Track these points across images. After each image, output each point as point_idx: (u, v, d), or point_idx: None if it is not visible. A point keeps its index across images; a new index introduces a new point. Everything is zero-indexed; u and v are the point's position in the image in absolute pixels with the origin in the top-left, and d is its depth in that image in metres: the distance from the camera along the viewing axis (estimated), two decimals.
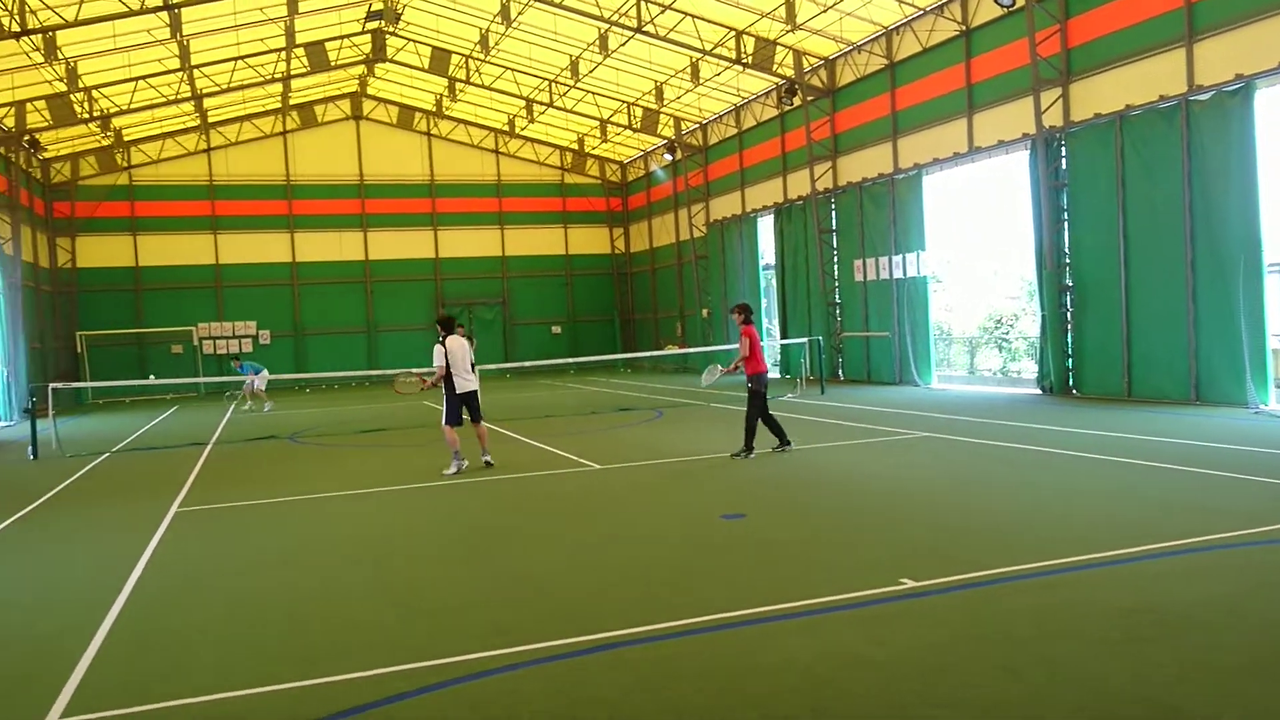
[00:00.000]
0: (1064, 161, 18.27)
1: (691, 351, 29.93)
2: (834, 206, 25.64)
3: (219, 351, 34.14)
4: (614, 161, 39.35)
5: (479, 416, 12.28)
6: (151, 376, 29.56)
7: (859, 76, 24.25)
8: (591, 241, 39.91)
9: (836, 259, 25.71)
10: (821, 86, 25.42)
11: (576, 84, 30.05)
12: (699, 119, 32.08)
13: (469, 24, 27.42)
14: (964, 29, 20.63)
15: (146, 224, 34.05)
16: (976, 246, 24.83)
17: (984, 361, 23.35)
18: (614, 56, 27.33)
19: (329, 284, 35.80)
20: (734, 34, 24.57)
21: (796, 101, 25.73)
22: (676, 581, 6.60)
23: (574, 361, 30.59)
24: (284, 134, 35.44)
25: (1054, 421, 14.33)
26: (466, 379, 12.04)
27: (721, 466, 11.67)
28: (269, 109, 34.02)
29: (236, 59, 26.92)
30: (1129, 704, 4.20)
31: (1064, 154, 18.26)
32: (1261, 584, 5.84)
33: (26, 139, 26.71)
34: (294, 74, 29.88)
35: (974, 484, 9.74)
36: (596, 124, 34.55)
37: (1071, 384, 18.38)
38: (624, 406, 20.75)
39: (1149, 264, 16.56)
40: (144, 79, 26.26)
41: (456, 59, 30.47)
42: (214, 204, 34.71)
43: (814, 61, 25.44)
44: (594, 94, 31.36)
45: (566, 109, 32.95)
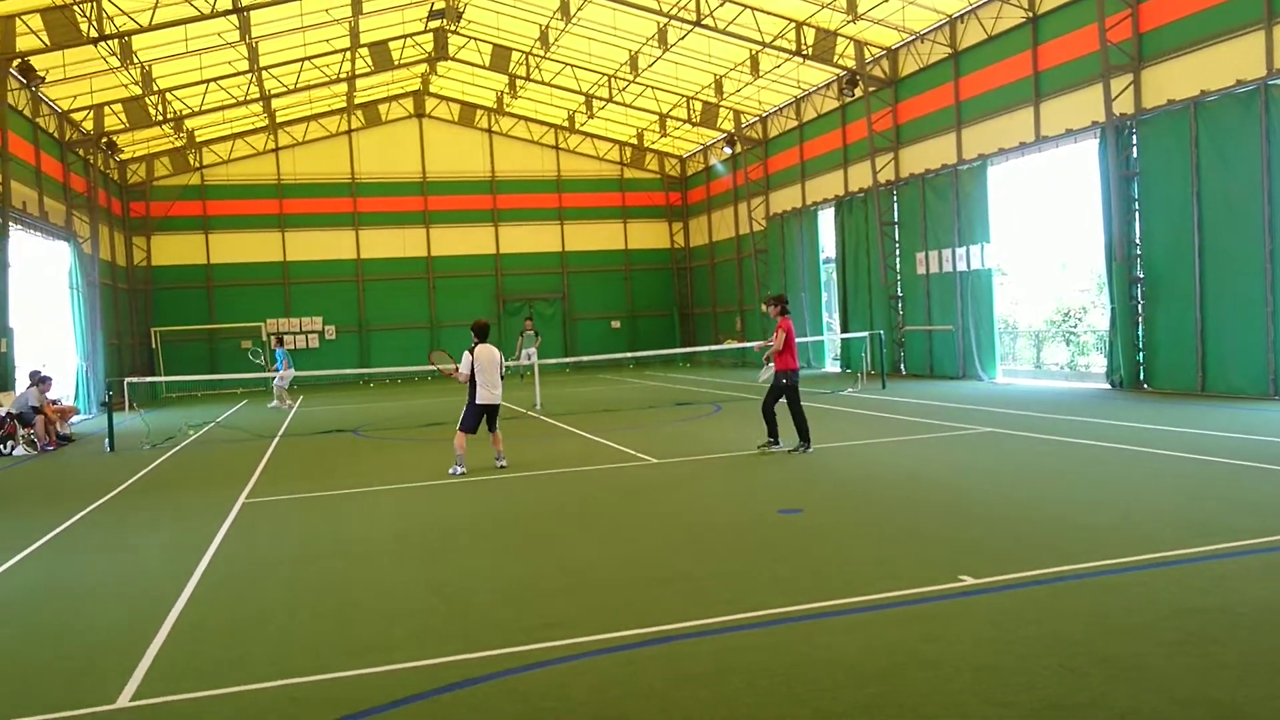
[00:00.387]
0: (1135, 150, 17.75)
1: (750, 346, 29.75)
2: (896, 198, 25.27)
3: (287, 347, 34.83)
4: (673, 156, 39.29)
5: (494, 427, 12.05)
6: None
7: (922, 66, 23.85)
8: (651, 236, 39.92)
9: (898, 252, 25.34)
10: (883, 77, 25.06)
11: (636, 79, 30.07)
12: (759, 112, 31.87)
13: (529, 21, 27.60)
14: (1031, 15, 20.15)
15: (217, 222, 34.96)
16: (1044, 238, 24.29)
17: (1051, 356, 22.83)
18: (673, 50, 27.26)
19: (392, 280, 36.37)
20: (794, 25, 24.34)
21: (858, 93, 25.41)
22: (730, 576, 6.58)
23: (633, 356, 30.65)
24: (349, 133, 36.06)
25: (1123, 417, 13.95)
26: (491, 391, 11.79)
27: (780, 461, 11.59)
28: (334, 108, 34.66)
29: (303, 60, 27.48)
30: (1191, 706, 4.07)
31: (1135, 142, 17.74)
32: None
33: (104, 141, 27.64)
34: (358, 74, 30.38)
35: (1037, 481, 9.53)
36: (656, 118, 34.52)
37: (1142, 378, 17.87)
38: (682, 401, 20.72)
39: (1224, 255, 16.01)
40: (215, 81, 26.95)
41: (517, 56, 30.69)
42: (281, 202, 35.49)
43: (875, 52, 25.09)
44: (653, 88, 31.34)
45: (626, 104, 32.98)
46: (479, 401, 11.78)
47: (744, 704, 4.36)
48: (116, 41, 21.85)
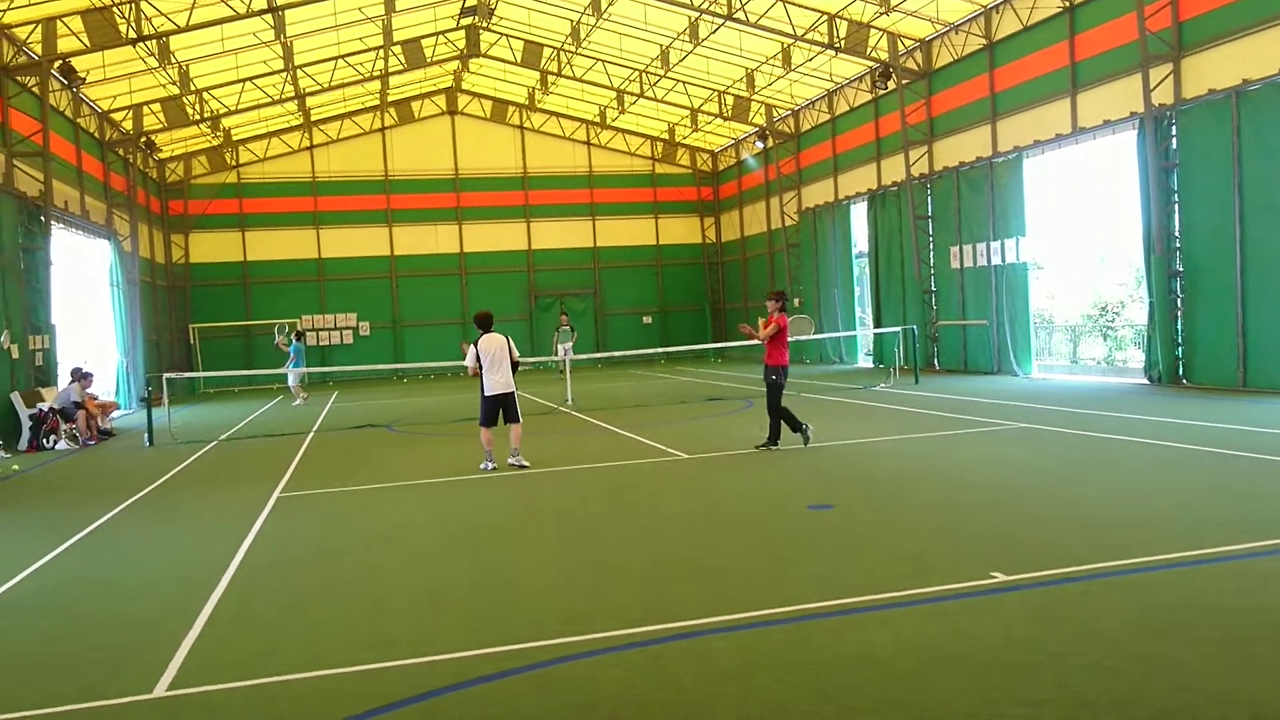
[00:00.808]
0: (1174, 141, 17.44)
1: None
2: (930, 192, 25.04)
3: (321, 343, 35.30)
4: (705, 151, 39.18)
5: (514, 418, 11.71)
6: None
7: (956, 58, 23.59)
8: (682, 231, 39.86)
9: (932, 245, 25.10)
10: (917, 69, 24.81)
11: (667, 73, 30.01)
12: (791, 105, 31.69)
13: (560, 17, 27.64)
14: (1067, 5, 19.85)
15: (253, 220, 35.37)
16: (1081, 231, 23.93)
17: (1087, 350, 22.49)
18: (704, 45, 27.18)
19: (425, 276, 36.60)
20: (826, 18, 24.16)
21: (891, 85, 25.18)
22: (759, 571, 6.57)
23: (664, 351, 30.62)
24: (382, 130, 36.32)
25: (1161, 412, 13.74)
26: (495, 381, 11.53)
27: (811, 456, 11.54)
28: (368, 106, 34.91)
29: (337, 58, 27.71)
30: (1227, 705, 4.01)
31: (1174, 133, 17.43)
32: None
33: (144, 141, 28.06)
34: (391, 71, 30.59)
35: (1072, 477, 9.40)
36: (687, 113, 34.45)
37: (1181, 373, 17.58)
38: (713, 396, 20.69)
39: (1267, 247, 15.68)
40: (250, 80, 27.26)
41: (548, 52, 30.75)
42: (316, 200, 35.83)
43: (909, 44, 24.85)
44: (684, 83, 31.26)
45: (657, 99, 32.94)
46: (487, 392, 11.63)
47: (772, 699, 4.35)
48: (155, 42, 22.16)
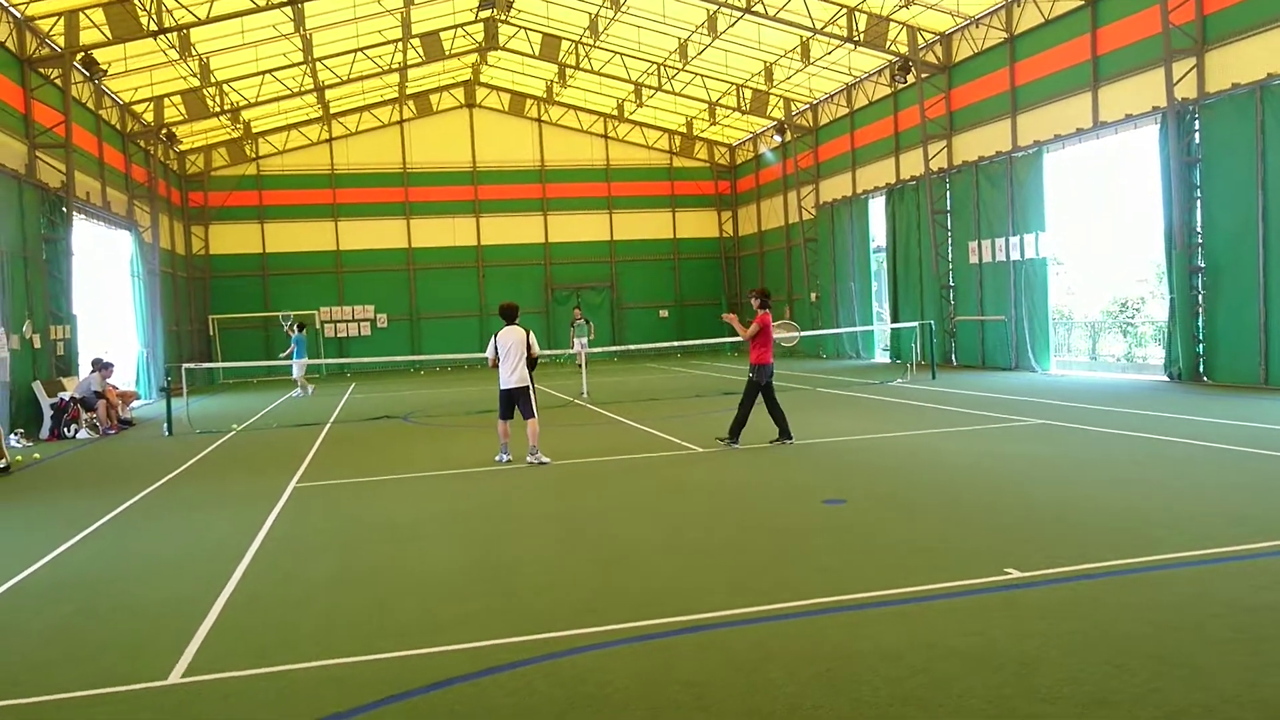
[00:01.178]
0: (1197, 136, 17.25)
1: (800, 335, 29.57)
2: (948, 186, 24.88)
3: (339, 335, 35.48)
4: (722, 144, 39.08)
5: (529, 414, 11.57)
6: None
7: (976, 51, 23.42)
8: (699, 225, 39.79)
9: (950, 240, 24.95)
10: (936, 63, 24.65)
11: (685, 67, 29.93)
12: (809, 99, 31.55)
13: (578, 9, 27.60)
14: None
15: (273, 212, 35.56)
16: (1101, 227, 23.73)
17: (1107, 347, 22.32)
18: (723, 38, 27.09)
19: (443, 268, 36.72)
20: (845, 11, 24.03)
21: (910, 79, 25.03)
22: (773, 565, 6.56)
23: (680, 345, 30.59)
24: (401, 123, 36.43)
25: (1181, 410, 13.62)
26: (507, 375, 11.48)
27: (827, 451, 11.51)
28: (386, 99, 35.02)
29: (356, 51, 27.80)
30: (1242, 705, 3.97)
31: (1197, 128, 17.24)
32: None
33: (164, 132, 28.24)
34: (410, 64, 30.67)
35: (1089, 474, 9.34)
36: (705, 107, 34.36)
37: (1201, 371, 17.42)
38: (729, 390, 20.63)
39: None
40: (270, 72, 27.39)
41: (566, 45, 30.73)
42: (335, 192, 35.98)
43: (929, 37, 24.69)
44: (703, 76, 31.18)
45: (675, 92, 32.87)
46: (500, 386, 11.65)
47: (783, 693, 4.35)
48: (175, 34, 22.30)
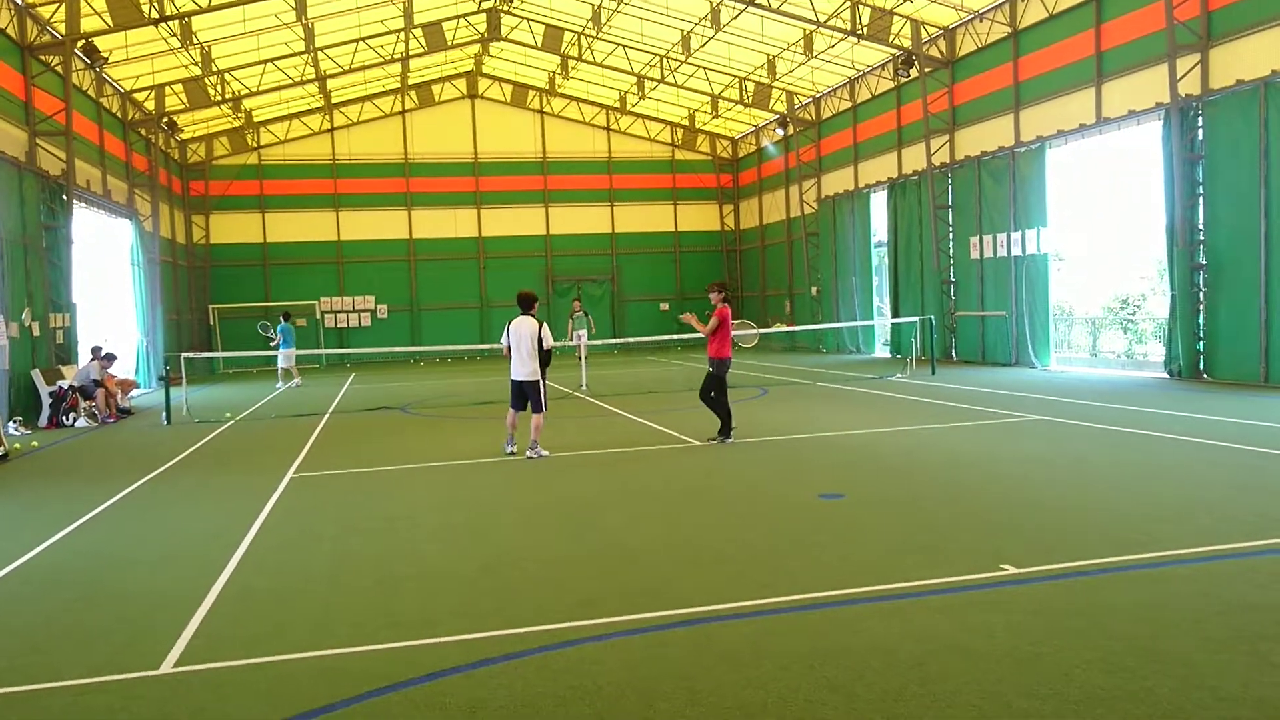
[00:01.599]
0: (1200, 132, 17.20)
1: (800, 329, 29.59)
2: (950, 181, 24.82)
3: (340, 325, 35.46)
4: (725, 137, 39.01)
5: (537, 408, 11.31)
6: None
7: (980, 46, 23.34)
8: (701, 218, 39.73)
9: (952, 236, 24.90)
10: (940, 57, 24.57)
11: (688, 59, 29.85)
12: (812, 93, 31.47)
13: (582, 1, 27.51)
14: None
15: (274, 202, 35.52)
16: (1103, 223, 23.67)
17: (1107, 343, 22.27)
18: (726, 30, 27.01)
19: (444, 260, 36.67)
20: (849, 4, 23.95)
21: (913, 73, 24.94)
22: (768, 559, 6.55)
23: (680, 338, 30.52)
24: (402, 113, 36.35)
25: (1180, 407, 13.60)
26: (516, 366, 11.32)
27: (825, 445, 11.49)
28: (388, 89, 34.93)
29: (358, 40, 27.72)
30: (1236, 704, 3.96)
31: (1200, 124, 17.19)
32: None
33: (165, 121, 28.18)
34: (412, 54, 30.57)
35: (1087, 470, 9.32)
36: (707, 99, 34.28)
37: (1201, 368, 17.39)
38: (729, 384, 20.59)
39: None
40: (272, 61, 27.32)
41: (569, 36, 30.65)
42: (336, 182, 35.92)
43: (932, 31, 24.60)
44: (705, 69, 31.10)
45: (678, 85, 32.79)
46: (511, 376, 11.53)
47: (775, 688, 4.34)
48: (177, 22, 22.24)
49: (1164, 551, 6.26)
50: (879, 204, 28.97)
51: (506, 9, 29.16)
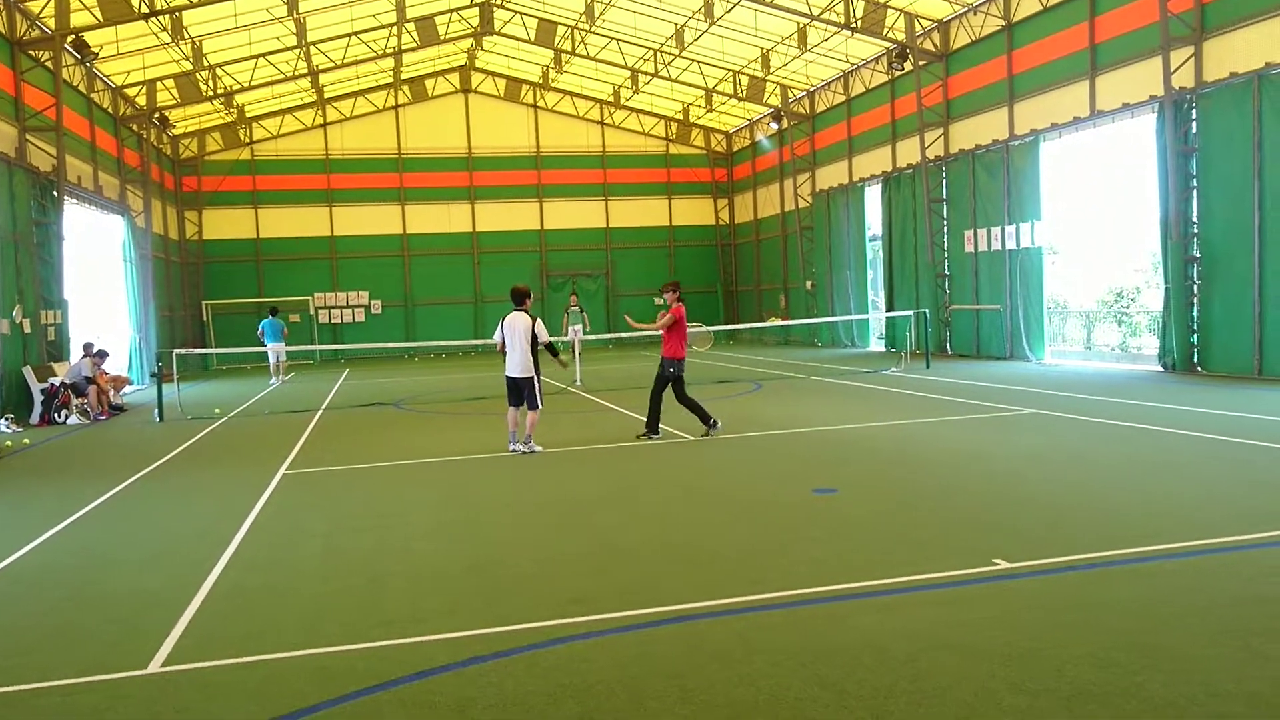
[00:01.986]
0: (1194, 125, 17.19)
1: (795, 323, 29.58)
2: (945, 175, 24.80)
3: (333, 321, 35.36)
4: (719, 131, 38.93)
5: (532, 405, 11.28)
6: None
7: (974, 39, 23.30)
8: (695, 213, 39.66)
9: (946, 229, 24.89)
10: (934, 50, 24.53)
11: (682, 53, 29.76)
12: (806, 86, 31.41)
13: None
14: None
15: (266, 197, 35.37)
16: (1097, 216, 23.69)
17: (1102, 337, 22.31)
18: (720, 24, 26.93)
19: (438, 255, 36.57)
20: None
21: (908, 66, 24.90)
22: (760, 555, 6.53)
23: None
24: (395, 108, 36.21)
25: (1174, 400, 13.60)
26: (510, 363, 11.26)
27: (817, 440, 11.48)
28: (381, 84, 34.79)
29: (350, 35, 27.58)
30: (1229, 699, 3.95)
31: (1194, 117, 17.18)
32: None
33: (157, 116, 28.03)
34: (405, 49, 30.46)
35: (1081, 463, 9.32)
36: (701, 93, 34.20)
37: (1195, 361, 17.40)
38: (723, 379, 20.62)
39: None
40: (264, 56, 27.17)
41: (562, 30, 30.54)
42: (329, 177, 35.78)
43: (926, 24, 24.55)
44: (699, 63, 31.01)
45: (671, 79, 32.70)
46: (505, 373, 11.44)
47: (766, 684, 4.31)
48: (167, 17, 22.11)
49: (1155, 545, 6.25)
50: (873, 198, 28.95)
51: (499, 3, 29.04)
